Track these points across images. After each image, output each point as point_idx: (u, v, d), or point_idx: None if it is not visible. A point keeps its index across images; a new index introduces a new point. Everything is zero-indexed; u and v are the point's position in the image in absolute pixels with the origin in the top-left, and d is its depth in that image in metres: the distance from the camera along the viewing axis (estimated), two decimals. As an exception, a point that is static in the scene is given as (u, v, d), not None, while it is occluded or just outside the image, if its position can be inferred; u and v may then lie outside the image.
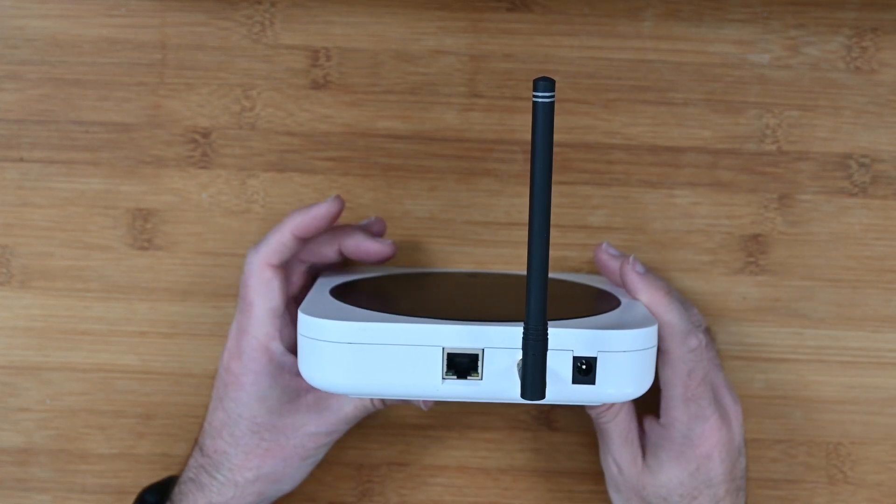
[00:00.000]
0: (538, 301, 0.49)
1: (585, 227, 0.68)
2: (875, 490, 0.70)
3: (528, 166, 0.68)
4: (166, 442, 0.69)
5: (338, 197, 0.61)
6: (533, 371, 0.50)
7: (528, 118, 0.67)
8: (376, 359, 0.53)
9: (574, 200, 0.68)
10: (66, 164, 0.68)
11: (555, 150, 0.67)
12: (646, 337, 0.54)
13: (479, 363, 0.52)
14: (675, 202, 0.68)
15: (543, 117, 0.48)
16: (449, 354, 0.53)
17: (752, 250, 0.69)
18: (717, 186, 0.68)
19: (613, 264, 0.63)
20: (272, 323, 0.61)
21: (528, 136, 0.68)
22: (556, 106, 0.67)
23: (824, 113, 0.68)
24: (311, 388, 0.60)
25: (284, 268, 0.62)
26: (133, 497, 0.66)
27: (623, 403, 0.61)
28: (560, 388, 0.53)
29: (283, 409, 0.61)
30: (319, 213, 0.61)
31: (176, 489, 0.63)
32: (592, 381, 0.53)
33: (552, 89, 0.47)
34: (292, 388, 0.61)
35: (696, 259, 0.69)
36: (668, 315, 0.58)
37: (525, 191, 0.68)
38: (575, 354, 0.52)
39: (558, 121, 0.67)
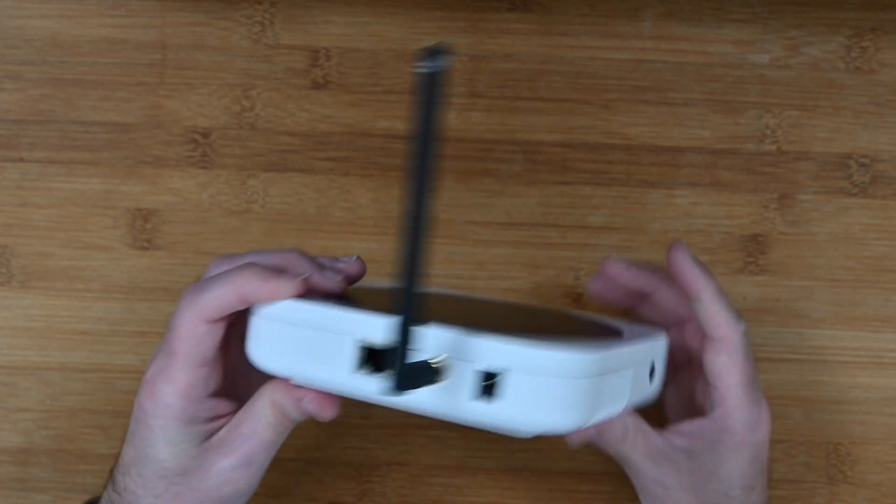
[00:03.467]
0: (408, 294, 0.45)
1: (585, 227, 0.68)
2: (875, 490, 0.70)
3: (528, 166, 0.68)
4: (166, 442, 0.69)
5: (306, 279, 0.52)
6: (399, 364, 0.46)
7: (528, 118, 0.68)
8: (295, 339, 0.51)
9: (574, 200, 0.68)
10: (65, 164, 0.68)
11: (555, 150, 0.68)
12: (569, 363, 0.47)
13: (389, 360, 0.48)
14: (675, 202, 0.68)
15: (429, 89, 0.41)
16: (361, 347, 0.49)
17: (752, 250, 0.69)
18: (716, 186, 0.68)
19: (628, 275, 0.62)
20: (196, 372, 0.54)
21: (529, 137, 0.68)
22: (556, 106, 0.68)
23: (824, 113, 0.68)
24: (221, 427, 0.55)
25: (225, 318, 0.54)
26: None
27: (634, 425, 0.57)
28: (458, 404, 0.48)
29: (192, 453, 0.55)
30: (277, 291, 0.52)
31: None
32: (495, 400, 0.47)
33: (443, 57, 0.41)
34: (203, 432, 0.55)
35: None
36: (720, 303, 0.57)
37: (525, 191, 0.68)
38: (477, 368, 0.47)
39: (558, 121, 0.67)
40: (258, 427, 0.54)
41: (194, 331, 0.53)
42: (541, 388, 0.47)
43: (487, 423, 0.49)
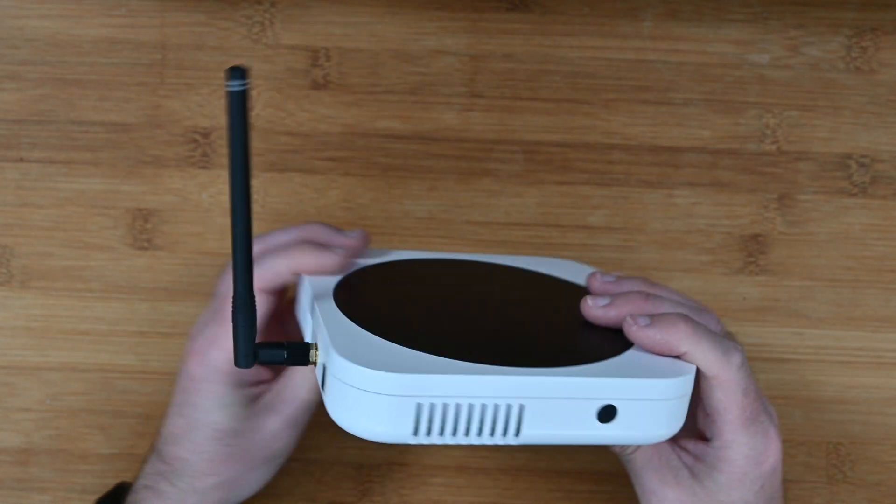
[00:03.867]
0: (243, 272, 0.50)
1: (585, 227, 0.68)
2: (874, 490, 0.70)
3: (528, 166, 0.68)
4: (166, 442, 0.69)
5: (346, 254, 0.58)
6: (242, 339, 0.50)
7: (529, 118, 0.68)
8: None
9: (574, 200, 0.68)
10: (66, 164, 0.68)
11: (555, 150, 0.68)
12: (352, 372, 0.49)
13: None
14: (674, 202, 0.68)
15: (237, 106, 0.48)
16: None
17: (752, 250, 0.69)
18: (716, 186, 0.68)
19: (608, 316, 0.56)
20: None
21: (529, 137, 0.68)
22: (556, 106, 0.68)
23: (824, 113, 0.68)
24: (268, 389, 0.60)
25: (274, 292, 0.59)
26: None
27: None
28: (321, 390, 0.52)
29: (243, 414, 0.59)
30: (329, 264, 0.58)
31: (130, 497, 0.60)
32: (325, 393, 0.51)
33: (245, 77, 0.47)
34: (250, 395, 0.60)
35: (696, 259, 0.69)
36: (698, 345, 0.53)
37: (525, 191, 0.68)
38: (322, 361, 0.51)
39: (558, 121, 0.68)
40: (299, 390, 0.59)
41: None
42: (343, 390, 0.49)
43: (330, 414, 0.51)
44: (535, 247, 0.68)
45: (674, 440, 0.57)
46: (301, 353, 0.52)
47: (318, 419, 0.70)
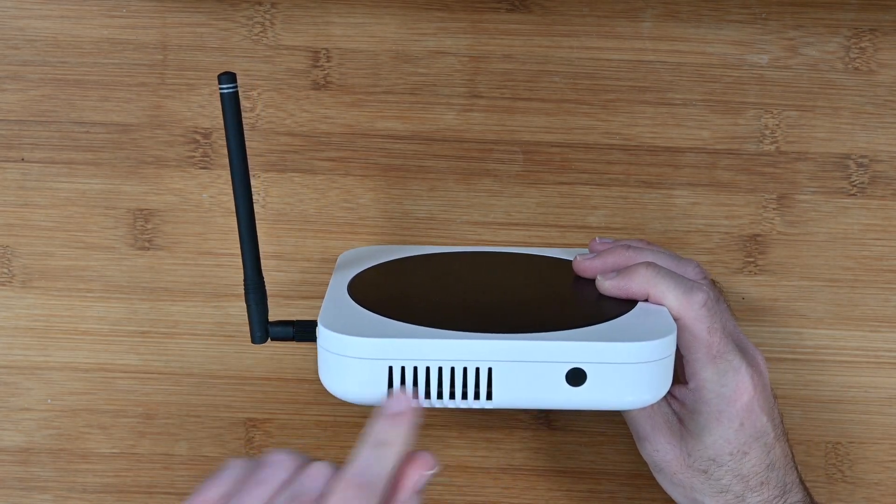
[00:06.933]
0: (250, 257, 0.56)
1: (585, 227, 0.69)
2: (873, 489, 0.70)
3: (528, 166, 0.68)
4: (167, 441, 0.70)
5: None
6: (255, 317, 0.56)
7: (528, 118, 0.68)
8: None
9: (574, 200, 0.68)
10: (67, 164, 0.68)
11: (555, 150, 0.68)
12: (324, 337, 0.53)
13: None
14: (674, 202, 0.68)
15: (230, 106, 0.54)
16: None
17: (751, 250, 0.69)
18: (716, 187, 0.68)
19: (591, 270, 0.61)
20: None
21: (529, 137, 0.68)
22: (556, 106, 0.68)
23: (823, 113, 0.68)
24: None
25: None
26: (133, 497, 0.66)
27: None
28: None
29: None
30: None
31: None
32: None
33: (234, 81, 0.54)
34: None
35: (695, 259, 0.69)
36: (659, 286, 0.57)
37: (525, 191, 0.68)
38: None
39: (558, 121, 0.68)
40: None
41: None
42: (326, 357, 0.53)
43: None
44: (536, 247, 0.68)
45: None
46: (308, 330, 0.56)
47: (317, 418, 0.70)
